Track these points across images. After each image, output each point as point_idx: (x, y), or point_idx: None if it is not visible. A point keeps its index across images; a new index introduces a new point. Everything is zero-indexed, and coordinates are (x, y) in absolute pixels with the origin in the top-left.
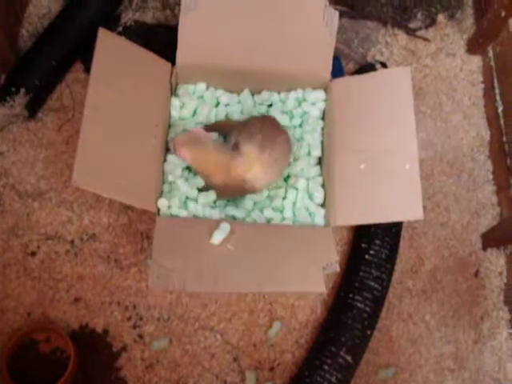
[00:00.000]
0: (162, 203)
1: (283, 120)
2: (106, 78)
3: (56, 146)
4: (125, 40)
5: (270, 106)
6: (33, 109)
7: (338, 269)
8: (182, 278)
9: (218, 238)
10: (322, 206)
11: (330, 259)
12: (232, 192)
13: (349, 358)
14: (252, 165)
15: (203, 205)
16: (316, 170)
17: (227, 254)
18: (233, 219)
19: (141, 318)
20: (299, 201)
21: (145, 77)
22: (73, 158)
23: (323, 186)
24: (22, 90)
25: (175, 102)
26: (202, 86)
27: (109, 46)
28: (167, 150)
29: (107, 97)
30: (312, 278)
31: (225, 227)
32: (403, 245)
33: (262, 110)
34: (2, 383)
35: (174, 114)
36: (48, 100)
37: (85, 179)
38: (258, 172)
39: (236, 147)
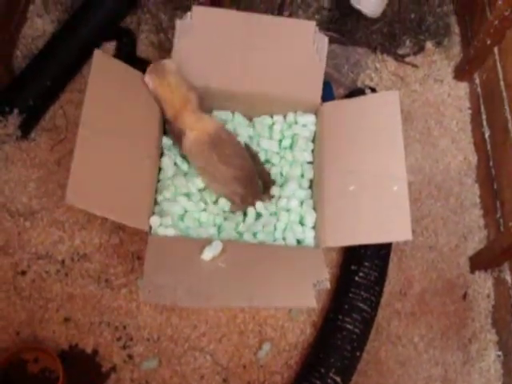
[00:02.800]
0: (154, 221)
1: (271, 145)
2: (101, 98)
3: (48, 166)
4: (120, 62)
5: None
6: (26, 129)
7: (328, 285)
8: (174, 293)
9: (208, 254)
10: (313, 227)
11: (320, 276)
12: (175, 136)
13: (338, 379)
14: (195, 127)
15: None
16: (308, 192)
17: (218, 271)
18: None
19: (131, 339)
20: (290, 223)
21: (140, 98)
22: (65, 178)
23: (314, 209)
24: (16, 110)
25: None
26: None
27: (104, 67)
28: (160, 170)
29: (102, 116)
30: (303, 294)
31: (216, 245)
32: (392, 267)
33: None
34: None
35: (166, 141)
36: (41, 120)
37: (77, 197)
38: (193, 140)
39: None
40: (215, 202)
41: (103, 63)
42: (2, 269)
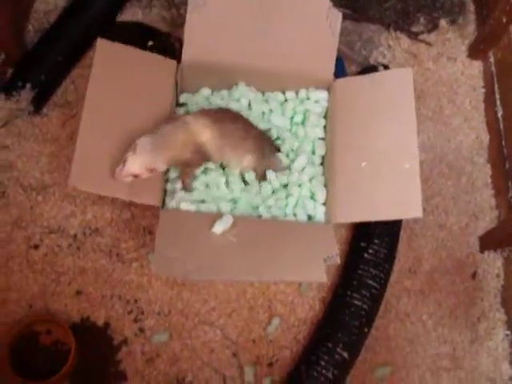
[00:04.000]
0: (168, 200)
1: (283, 122)
2: (106, 81)
3: (60, 141)
4: (124, 46)
5: (270, 111)
6: (38, 104)
7: (338, 261)
8: (184, 266)
9: (219, 227)
10: (323, 203)
11: (330, 252)
12: (194, 161)
13: (345, 355)
14: (203, 129)
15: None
16: (319, 169)
17: (229, 245)
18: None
19: (142, 312)
20: (301, 198)
21: (147, 77)
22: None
23: (325, 185)
24: (28, 85)
25: (179, 111)
26: (206, 91)
27: (108, 53)
28: None
29: (106, 98)
30: (313, 268)
31: (227, 218)
32: (402, 245)
33: (266, 108)
34: (4, 373)
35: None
36: (53, 95)
37: (80, 179)
38: (210, 137)
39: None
40: (231, 176)
41: (107, 49)
42: (14, 242)
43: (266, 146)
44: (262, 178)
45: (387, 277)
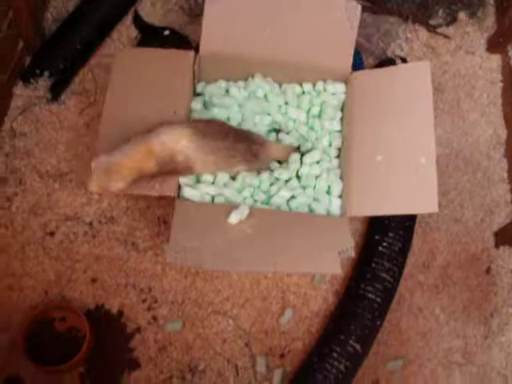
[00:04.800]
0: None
1: (299, 115)
2: (125, 77)
3: (77, 128)
4: (142, 49)
5: (286, 104)
6: (56, 92)
7: (353, 254)
8: (199, 256)
9: (235, 217)
10: (339, 196)
11: (345, 244)
12: (164, 173)
13: (358, 347)
14: (178, 139)
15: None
16: (335, 162)
17: (244, 236)
18: (253, 201)
19: (155, 301)
20: (317, 192)
21: (166, 69)
22: (93, 141)
23: (341, 178)
24: (46, 73)
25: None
26: (222, 83)
27: (126, 58)
28: None
29: (126, 91)
30: (328, 260)
31: (243, 209)
32: (416, 239)
33: (282, 100)
34: (18, 358)
35: (194, 105)
36: (71, 83)
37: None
38: (186, 145)
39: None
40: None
41: (125, 56)
42: (31, 229)
43: (255, 154)
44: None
45: (401, 270)
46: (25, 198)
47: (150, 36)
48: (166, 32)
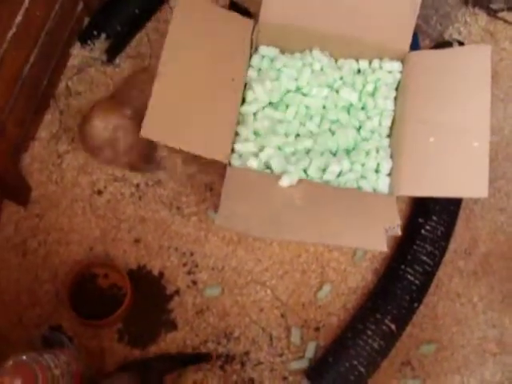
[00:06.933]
0: (239, 148)
1: (351, 96)
2: (184, 35)
3: None
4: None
5: (341, 78)
6: (112, 54)
7: (399, 232)
8: (247, 222)
9: (286, 180)
10: (388, 175)
11: (392, 222)
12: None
13: (393, 327)
14: None
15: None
16: (385, 141)
17: (292, 206)
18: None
19: (196, 266)
20: (366, 170)
21: (224, 33)
22: None
23: (391, 157)
24: (103, 35)
25: (253, 67)
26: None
27: (187, 11)
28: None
29: (185, 48)
30: (374, 237)
31: (294, 174)
32: (459, 225)
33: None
34: (62, 310)
35: (251, 74)
36: (127, 47)
37: (152, 130)
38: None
39: None
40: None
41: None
42: (80, 186)
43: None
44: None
45: (442, 255)
46: (75, 157)
47: None
48: None
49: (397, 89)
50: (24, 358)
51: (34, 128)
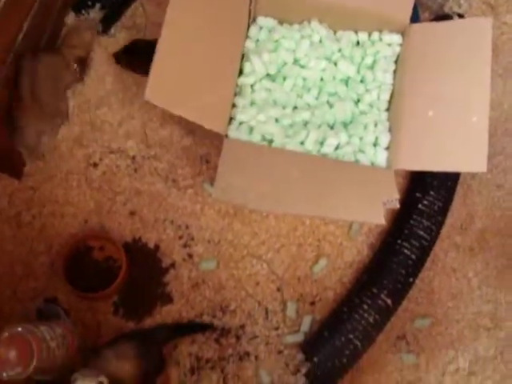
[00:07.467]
0: (236, 119)
1: (350, 69)
2: (184, 2)
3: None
4: None
5: (339, 51)
6: (106, 24)
7: (397, 205)
8: (245, 194)
9: None
10: (386, 148)
11: (390, 195)
12: None
13: (389, 302)
14: None
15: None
16: (384, 115)
17: (290, 178)
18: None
19: (192, 239)
20: (364, 144)
21: (222, 5)
22: (141, 76)
23: (389, 131)
24: (98, 5)
25: (251, 38)
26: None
27: None
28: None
29: (185, 19)
30: (372, 210)
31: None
32: (456, 201)
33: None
34: (57, 282)
35: (248, 45)
36: (122, 17)
37: (156, 95)
38: None
39: None
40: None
41: None
42: (75, 158)
43: None
44: None
45: (439, 229)
46: (70, 128)
47: None
48: None
49: (396, 62)
50: (19, 329)
51: None
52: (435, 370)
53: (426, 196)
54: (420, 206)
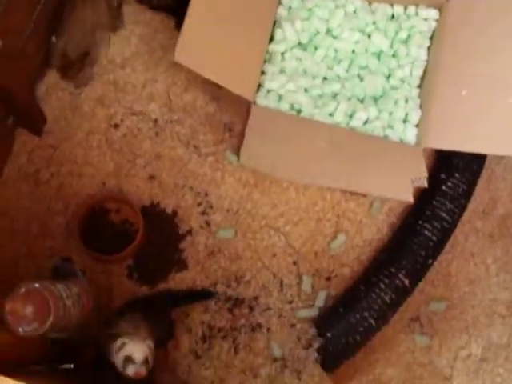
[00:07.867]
0: (265, 86)
1: (382, 43)
2: None
3: (152, 24)
4: None
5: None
6: None
7: (425, 184)
8: (272, 163)
9: None
10: (416, 125)
11: (419, 173)
12: None
13: (406, 282)
14: None
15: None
16: (415, 91)
17: (317, 150)
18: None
19: (211, 207)
20: (393, 119)
21: None
22: (167, 39)
23: (420, 108)
24: None
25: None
26: None
27: None
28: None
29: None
30: (400, 187)
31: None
32: (479, 185)
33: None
34: (73, 242)
35: (281, 11)
36: None
37: (186, 56)
38: None
39: None
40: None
41: None
42: (96, 119)
43: None
44: None
45: (461, 213)
46: (93, 87)
47: None
48: None
49: (431, 38)
50: (37, 285)
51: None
52: (447, 353)
53: (451, 178)
54: (444, 187)
